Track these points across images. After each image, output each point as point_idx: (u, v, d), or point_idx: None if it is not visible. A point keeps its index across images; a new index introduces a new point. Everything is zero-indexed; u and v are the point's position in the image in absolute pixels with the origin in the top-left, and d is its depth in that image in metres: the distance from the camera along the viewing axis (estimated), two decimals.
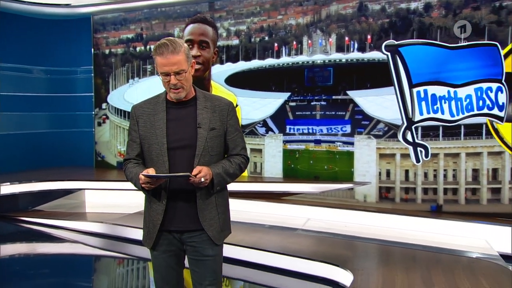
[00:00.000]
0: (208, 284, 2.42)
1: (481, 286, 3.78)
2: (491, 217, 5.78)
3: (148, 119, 2.43)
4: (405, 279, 3.92)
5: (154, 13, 8.72)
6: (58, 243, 6.32)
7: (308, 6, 7.15)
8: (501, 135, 5.74)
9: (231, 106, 2.50)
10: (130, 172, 2.45)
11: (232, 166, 2.44)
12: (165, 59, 2.28)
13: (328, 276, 4.34)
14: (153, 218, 2.41)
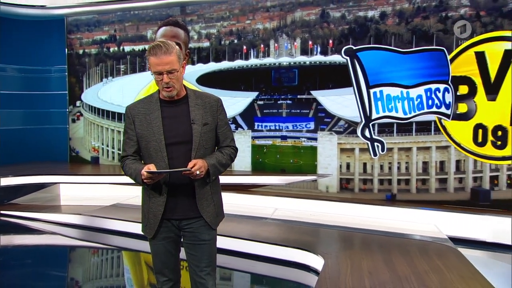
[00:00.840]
0: (205, 266, 2.46)
1: (436, 266, 3.96)
2: (439, 204, 6.01)
3: (144, 118, 2.44)
4: (370, 262, 4.06)
5: (127, 16, 8.58)
6: (37, 234, 6.16)
7: (275, 12, 7.21)
8: (448, 131, 5.98)
9: (220, 102, 2.55)
10: (129, 168, 2.45)
11: (224, 157, 2.49)
12: (159, 59, 2.30)
13: (299, 261, 4.44)
14: (154, 209, 2.43)
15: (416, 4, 6.25)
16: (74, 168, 8.66)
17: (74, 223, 6.24)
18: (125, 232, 5.78)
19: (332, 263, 3.96)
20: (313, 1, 6.90)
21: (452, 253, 4.40)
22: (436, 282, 3.56)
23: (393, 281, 3.58)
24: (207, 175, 2.40)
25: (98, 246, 5.86)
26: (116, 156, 8.57)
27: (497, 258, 5.10)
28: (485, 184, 5.88)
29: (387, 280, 3.58)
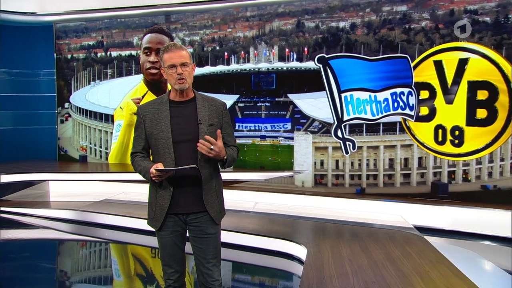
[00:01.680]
0: (211, 258, 2.46)
1: (406, 252, 4.07)
2: (403, 197, 6.16)
3: (153, 117, 2.42)
4: (348, 249, 4.13)
5: (114, 23, 8.42)
6: (30, 229, 5.99)
7: (254, 22, 7.22)
8: (412, 131, 6.13)
9: (225, 106, 2.54)
10: (138, 165, 2.45)
11: (234, 152, 2.52)
12: (173, 52, 2.35)
13: (283, 250, 4.48)
14: (161, 202, 2.42)
15: (383, 16, 6.38)
16: (62, 166, 8.45)
17: (66, 218, 6.11)
18: (116, 226, 5.70)
19: (315, 252, 4.02)
20: (290, 12, 6.94)
21: (419, 241, 4.53)
22: (409, 267, 3.66)
23: (371, 266, 3.66)
24: (222, 162, 2.42)
25: (91, 239, 5.74)
26: (104, 155, 8.41)
27: (455, 244, 5.26)
28: (443, 178, 6.06)
29: (365, 266, 3.66)
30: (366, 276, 3.41)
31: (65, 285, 4.26)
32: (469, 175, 5.93)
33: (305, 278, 3.34)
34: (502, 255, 4.92)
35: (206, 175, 2.41)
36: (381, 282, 3.32)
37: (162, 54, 2.39)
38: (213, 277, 2.45)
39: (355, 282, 3.28)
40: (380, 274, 3.49)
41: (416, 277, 3.42)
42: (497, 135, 5.73)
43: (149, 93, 7.83)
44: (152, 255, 5.01)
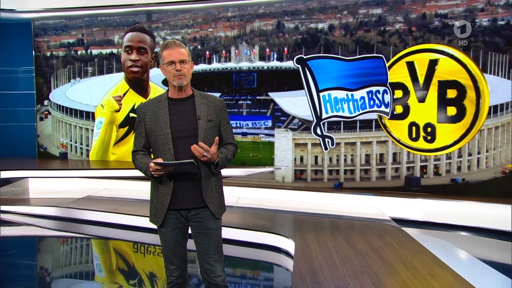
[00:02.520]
0: (212, 254, 2.40)
1: (388, 243, 4.11)
2: (379, 190, 6.23)
3: (153, 115, 2.37)
4: (334, 241, 4.13)
5: (95, 22, 8.15)
6: (13, 226, 5.73)
7: (235, 22, 7.13)
8: (388, 128, 6.20)
9: (223, 103, 2.49)
10: (139, 162, 2.39)
11: (229, 153, 2.45)
12: (172, 49, 2.31)
13: (271, 243, 4.43)
14: (161, 198, 2.36)
15: (359, 19, 6.42)
16: (42, 163, 8.13)
17: (50, 215, 5.87)
18: (101, 222, 5.51)
19: (302, 245, 3.99)
20: (270, 13, 6.89)
21: (398, 232, 4.58)
22: (393, 257, 3.69)
23: (357, 257, 3.66)
24: (215, 166, 2.34)
25: (78, 236, 5.53)
26: (84, 152, 8.13)
27: (429, 234, 5.34)
28: (416, 172, 6.16)
29: (352, 256, 3.66)
30: (354, 266, 3.41)
31: (60, 280, 4.07)
32: (439, 169, 6.05)
33: (297, 270, 3.31)
34: (474, 244, 5.05)
35: (205, 170, 2.35)
36: (369, 271, 3.32)
37: (161, 51, 2.35)
38: (215, 273, 2.38)
39: (345, 272, 3.27)
40: (366, 264, 3.50)
41: (401, 266, 3.44)
42: (466, 131, 5.86)
43: (130, 91, 7.63)
44: (134, 250, 4.88)
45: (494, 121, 5.82)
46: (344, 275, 3.20)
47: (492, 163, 5.88)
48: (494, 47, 5.78)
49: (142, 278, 4.11)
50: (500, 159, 5.86)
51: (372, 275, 3.24)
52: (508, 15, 5.77)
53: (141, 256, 4.81)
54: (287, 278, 3.90)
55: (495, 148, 5.86)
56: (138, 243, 5.09)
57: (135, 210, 5.57)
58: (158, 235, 2.46)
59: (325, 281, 3.09)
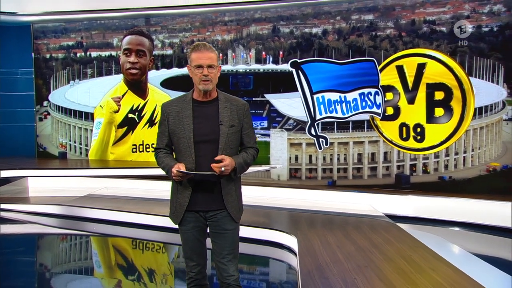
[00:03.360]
0: (226, 254, 2.31)
1: (386, 238, 4.08)
2: (370, 188, 6.21)
3: (177, 116, 2.28)
4: (334, 237, 4.08)
5: (94, 25, 7.97)
6: (17, 224, 5.54)
7: (232, 26, 7.05)
8: (379, 129, 6.19)
9: (247, 107, 2.39)
10: (162, 161, 2.32)
11: (249, 157, 2.35)
12: (201, 53, 2.20)
13: (274, 240, 4.36)
14: (181, 200, 2.29)
15: (352, 24, 6.40)
16: (41, 162, 7.91)
17: (52, 213, 5.71)
18: (105, 220, 5.37)
19: (305, 241, 3.93)
20: (266, 17, 6.83)
21: (393, 227, 4.56)
22: (392, 251, 3.66)
23: (359, 252, 3.62)
24: (234, 172, 2.26)
25: (83, 233, 5.38)
26: (84, 152, 7.94)
27: (419, 229, 5.34)
28: (406, 170, 6.17)
29: (354, 252, 3.62)
30: (357, 261, 3.37)
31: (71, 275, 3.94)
32: (428, 168, 6.07)
33: (303, 265, 3.24)
34: (462, 238, 5.07)
35: (226, 179, 2.27)
36: (372, 266, 3.28)
37: (190, 52, 2.24)
38: (228, 272, 2.30)
39: (350, 267, 3.23)
40: (369, 258, 3.46)
41: (402, 261, 3.41)
42: (452, 131, 5.88)
43: (129, 93, 7.48)
44: (138, 247, 4.76)
45: (479, 122, 5.86)
46: (349, 270, 3.15)
47: (477, 162, 5.92)
48: (479, 52, 5.81)
49: (146, 273, 4.00)
50: (484, 158, 5.90)
51: (376, 269, 3.20)
52: (491, 22, 5.81)
53: (145, 252, 4.70)
54: (291, 273, 3.84)
55: (480, 147, 5.90)
56: (144, 240, 4.97)
57: (137, 208, 5.46)
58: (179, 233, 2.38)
59: (332, 275, 3.04)
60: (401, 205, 5.71)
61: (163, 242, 4.97)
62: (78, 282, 3.86)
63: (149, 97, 7.42)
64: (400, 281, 2.94)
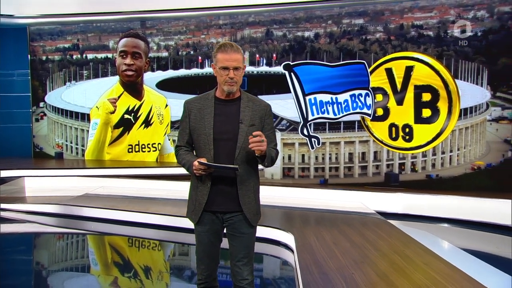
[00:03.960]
0: (242, 257, 2.23)
1: (379, 235, 4.09)
2: (361, 186, 6.22)
3: (198, 113, 2.20)
4: (329, 234, 4.07)
5: (90, 27, 7.85)
6: (15, 223, 5.41)
7: (226, 29, 7.00)
8: (370, 129, 6.21)
9: (269, 108, 2.31)
10: (182, 158, 2.24)
11: (273, 151, 2.24)
12: (228, 55, 2.10)
13: (270, 237, 4.31)
14: (199, 197, 2.20)
15: (343, 28, 6.41)
16: (38, 162, 7.76)
17: (49, 212, 5.59)
18: (102, 218, 5.28)
19: (301, 238, 3.91)
20: (259, 21, 6.80)
21: (385, 224, 4.57)
22: (386, 247, 3.66)
23: (354, 248, 3.62)
24: (261, 159, 2.14)
25: (83, 232, 5.28)
26: (80, 152, 7.81)
27: (408, 225, 5.36)
28: (395, 169, 6.19)
29: (349, 248, 3.61)
30: (354, 257, 3.36)
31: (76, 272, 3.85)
32: (416, 166, 6.10)
33: (302, 260, 3.22)
34: (450, 233, 5.10)
35: (242, 176, 2.17)
36: (368, 261, 3.28)
37: (216, 52, 2.15)
38: (242, 276, 2.22)
39: (347, 262, 3.21)
40: (364, 254, 3.45)
41: (396, 256, 3.41)
42: (439, 132, 5.93)
43: (125, 94, 7.37)
44: (136, 244, 4.69)
45: (465, 122, 5.92)
46: (346, 265, 3.14)
47: (462, 160, 5.98)
48: (464, 55, 5.87)
49: (142, 270, 3.94)
50: (469, 157, 5.96)
51: (372, 264, 3.20)
52: (476, 27, 5.88)
53: (141, 250, 4.63)
54: (287, 269, 3.81)
55: (465, 146, 5.96)
56: (142, 238, 4.89)
57: (134, 207, 5.38)
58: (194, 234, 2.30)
59: (330, 271, 3.02)
60: (390, 202, 5.72)
61: (159, 240, 4.91)
62: (78, 280, 3.78)
63: (145, 98, 7.33)
64: (396, 276, 2.94)
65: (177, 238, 4.88)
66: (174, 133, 7.24)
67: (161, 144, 7.31)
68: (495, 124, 5.84)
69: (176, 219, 4.86)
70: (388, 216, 5.35)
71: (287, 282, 3.66)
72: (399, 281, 2.82)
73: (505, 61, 5.75)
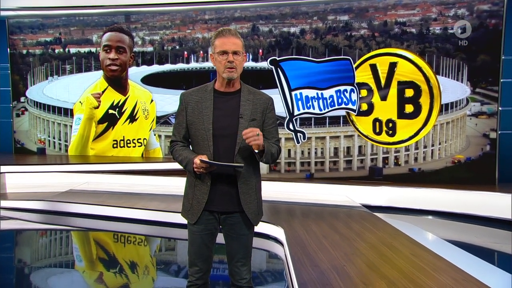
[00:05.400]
0: (241, 258, 2.14)
1: (366, 227, 4.13)
2: (346, 180, 6.28)
3: (196, 106, 2.06)
4: (318, 227, 4.08)
5: (72, 21, 7.64)
6: None
7: (212, 24, 6.92)
8: (355, 124, 6.25)
9: (271, 101, 2.15)
10: (179, 154, 2.09)
11: (274, 147, 2.11)
12: (226, 38, 1.98)
13: (260, 231, 4.27)
14: (198, 196, 2.07)
15: (328, 24, 6.42)
16: (19, 158, 7.52)
17: (33, 208, 5.41)
18: (88, 214, 5.16)
19: (290, 231, 3.91)
20: (245, 16, 6.75)
21: (371, 217, 4.62)
22: (374, 239, 3.70)
23: (343, 240, 3.64)
24: (260, 154, 2.01)
25: (69, 228, 5.14)
26: (63, 147, 7.61)
27: (392, 218, 5.43)
28: (379, 163, 6.27)
29: (339, 240, 3.64)
30: (344, 249, 3.38)
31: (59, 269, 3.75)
32: (399, 160, 6.19)
33: (294, 253, 3.23)
34: (432, 225, 5.20)
35: (243, 174, 2.04)
36: (358, 253, 3.31)
37: (214, 39, 2.02)
38: (241, 276, 2.14)
39: (337, 254, 3.23)
40: (354, 246, 3.48)
41: (384, 247, 3.45)
42: (421, 126, 6.03)
43: (109, 89, 7.21)
44: (122, 240, 4.61)
45: (446, 117, 6.03)
46: (337, 257, 3.16)
47: (444, 154, 6.10)
48: (445, 52, 5.97)
49: (128, 266, 3.88)
50: (450, 151, 6.09)
51: (361, 256, 3.23)
52: (456, 25, 5.97)
53: (127, 245, 4.55)
54: (276, 263, 3.81)
55: (446, 141, 6.08)
56: (127, 233, 4.81)
57: (120, 202, 5.28)
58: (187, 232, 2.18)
59: (321, 263, 3.03)
60: (374, 195, 5.79)
61: (145, 235, 4.85)
62: (66, 276, 3.68)
63: (130, 93, 7.19)
64: (386, 267, 2.97)
65: (166, 233, 4.82)
66: (159, 128, 7.14)
67: (146, 139, 7.20)
68: (475, 119, 5.97)
69: (164, 214, 4.80)
70: (372, 209, 5.40)
71: (275, 275, 3.66)
72: (389, 272, 2.85)
73: (484, 58, 5.88)
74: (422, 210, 5.55)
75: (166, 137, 7.05)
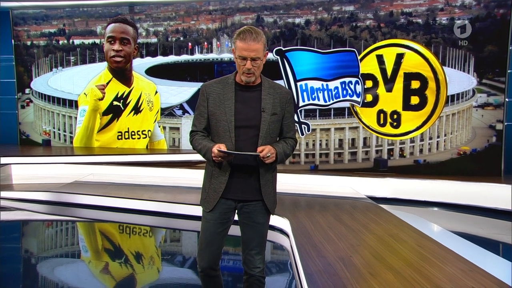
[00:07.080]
0: (255, 246, 2.14)
1: (372, 219, 4.11)
2: (351, 172, 6.24)
3: (217, 98, 2.08)
4: (323, 218, 4.06)
5: (76, 12, 7.59)
6: (5, 212, 5.24)
7: (216, 15, 6.85)
8: (359, 115, 6.20)
9: (290, 95, 2.18)
10: (199, 143, 2.11)
11: (288, 147, 2.15)
12: (246, 44, 1.96)
13: None
14: (216, 186, 2.09)
15: (333, 15, 6.34)
16: (25, 150, 7.53)
17: (39, 199, 5.42)
18: (94, 205, 5.16)
19: (296, 222, 3.89)
20: (250, 7, 6.68)
21: (377, 208, 4.60)
22: (380, 231, 3.68)
23: (350, 232, 3.62)
24: (274, 161, 2.07)
25: (71, 219, 5.14)
26: (68, 139, 7.61)
27: (397, 209, 5.40)
28: (384, 155, 6.22)
29: (345, 232, 3.62)
30: (350, 240, 3.36)
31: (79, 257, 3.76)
32: (404, 152, 6.14)
33: (300, 244, 3.21)
34: (438, 216, 5.17)
35: (265, 168, 2.07)
36: (364, 244, 3.29)
37: (235, 38, 2.02)
38: (254, 264, 2.15)
39: (344, 246, 3.22)
40: (360, 237, 3.46)
41: (390, 238, 3.43)
42: (427, 118, 5.97)
43: (113, 80, 7.18)
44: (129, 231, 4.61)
45: (451, 109, 5.97)
46: (344, 249, 3.14)
47: (449, 146, 6.05)
48: (452, 43, 5.89)
49: (133, 256, 3.88)
50: (456, 142, 6.03)
51: (368, 247, 3.21)
52: (463, 15, 5.89)
53: (132, 236, 4.56)
54: (283, 253, 3.79)
55: (452, 132, 6.02)
56: (133, 224, 4.81)
57: (125, 194, 5.27)
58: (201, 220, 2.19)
59: (328, 254, 3.01)
60: (379, 187, 5.76)
61: (151, 226, 4.85)
62: (72, 266, 3.69)
63: (134, 85, 7.16)
64: (393, 258, 2.95)
65: (171, 224, 4.81)
66: (164, 120, 7.12)
67: (151, 131, 7.18)
68: (481, 110, 5.91)
69: (169, 205, 4.79)
70: (377, 201, 5.38)
71: (279, 266, 3.65)
72: (396, 263, 2.84)
73: (491, 48, 5.80)
74: (428, 201, 5.52)
75: (170, 129, 7.02)
